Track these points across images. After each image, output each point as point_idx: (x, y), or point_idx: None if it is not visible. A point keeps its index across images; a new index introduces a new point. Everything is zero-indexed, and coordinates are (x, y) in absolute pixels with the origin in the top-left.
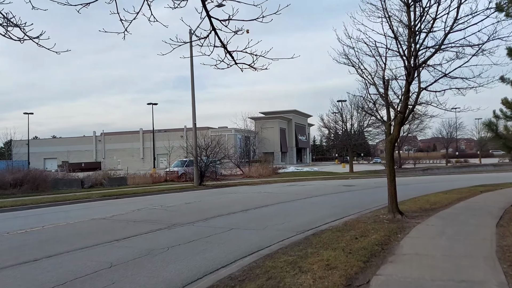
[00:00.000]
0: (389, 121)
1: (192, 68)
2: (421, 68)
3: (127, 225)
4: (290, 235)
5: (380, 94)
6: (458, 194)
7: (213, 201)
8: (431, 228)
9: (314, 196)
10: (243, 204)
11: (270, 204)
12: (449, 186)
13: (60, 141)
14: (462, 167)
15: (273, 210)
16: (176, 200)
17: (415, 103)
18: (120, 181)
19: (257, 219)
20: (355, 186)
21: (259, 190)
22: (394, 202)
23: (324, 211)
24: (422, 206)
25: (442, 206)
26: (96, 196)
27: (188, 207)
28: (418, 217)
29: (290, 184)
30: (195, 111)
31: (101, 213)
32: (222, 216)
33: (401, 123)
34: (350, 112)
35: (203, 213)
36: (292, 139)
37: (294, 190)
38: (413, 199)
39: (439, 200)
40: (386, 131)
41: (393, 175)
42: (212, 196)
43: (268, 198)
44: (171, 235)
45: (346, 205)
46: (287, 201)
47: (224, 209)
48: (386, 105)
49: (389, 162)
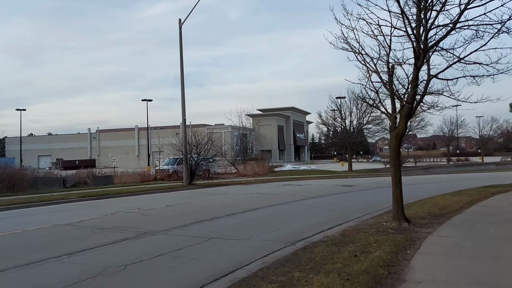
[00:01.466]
0: (394, 114)
1: (182, 60)
2: (431, 53)
3: (92, 233)
4: (277, 248)
5: (384, 82)
6: (468, 196)
7: (199, 203)
8: (446, 240)
9: (310, 198)
10: (230, 207)
11: (261, 207)
12: (455, 187)
13: (54, 138)
14: (464, 165)
15: (262, 214)
16: (159, 201)
17: (424, 92)
18: (106, 180)
19: (243, 226)
20: (354, 186)
21: (252, 191)
22: (400, 208)
23: (320, 216)
24: (431, 211)
25: (453, 211)
26: (75, 197)
27: (169, 210)
28: (428, 225)
29: (285, 184)
30: (184, 106)
31: (70, 218)
32: (204, 222)
33: (408, 115)
34: (349, 109)
35: (183, 218)
36: (290, 136)
37: (288, 191)
38: (419, 202)
39: (449, 203)
40: (391, 125)
41: (398, 176)
42: (200, 197)
43: (259, 200)
44: (136, 247)
45: (344, 208)
46: (279, 203)
47: (208, 213)
48: (391, 95)
49: (394, 160)
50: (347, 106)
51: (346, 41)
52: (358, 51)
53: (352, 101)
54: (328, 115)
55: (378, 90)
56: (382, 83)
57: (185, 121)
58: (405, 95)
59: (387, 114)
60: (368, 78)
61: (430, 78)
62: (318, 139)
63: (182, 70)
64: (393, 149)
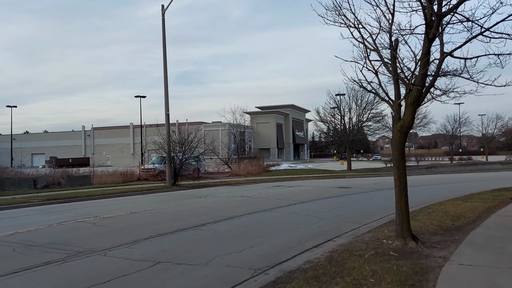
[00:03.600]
0: (398, 100)
1: (165, 49)
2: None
3: (10, 253)
4: (240, 279)
5: (384, 62)
6: (483, 202)
7: (169, 210)
8: (470, 272)
9: (299, 203)
10: (203, 215)
11: (239, 214)
12: (463, 189)
13: (48, 136)
14: (467, 165)
15: (238, 224)
16: (126, 207)
17: (437, 72)
18: (83, 180)
19: (209, 242)
20: (351, 188)
21: (237, 193)
22: (405, 223)
23: (307, 227)
24: (442, 223)
25: (469, 223)
26: (39, 200)
27: (129, 219)
28: (441, 245)
29: (276, 185)
30: (167, 99)
31: (4, 229)
32: (162, 236)
33: (416, 102)
34: (349, 105)
35: (141, 230)
36: (289, 134)
37: (278, 194)
38: (426, 210)
39: (462, 211)
40: (394, 115)
41: (403, 182)
42: (176, 201)
43: (241, 206)
44: (49, 279)
45: (337, 216)
46: (263, 209)
47: (174, 223)
48: (394, 77)
49: (397, 161)
50: (346, 102)
51: (339, 12)
52: (353, 25)
53: (352, 97)
54: (326, 112)
55: (378, 70)
56: (383, 63)
57: (168, 116)
58: (412, 76)
59: (389, 102)
60: (365, 58)
61: (444, 56)
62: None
63: (165, 60)
64: (397, 146)
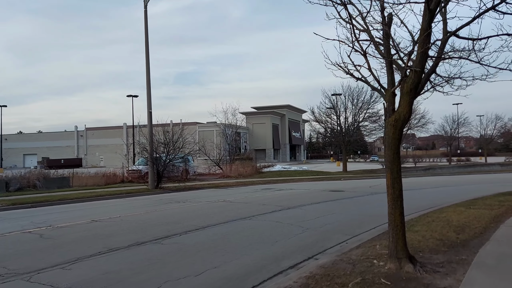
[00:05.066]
0: (391, 88)
1: (147, 36)
2: None
3: None
4: None
5: (375, 41)
6: (489, 209)
7: (138, 217)
8: None
9: (286, 209)
10: (173, 224)
11: (214, 224)
12: (464, 193)
13: (41, 136)
14: (466, 166)
15: (209, 236)
16: (93, 213)
17: (440, 54)
18: (62, 182)
19: (166, 260)
20: (345, 191)
21: (221, 197)
22: (400, 240)
23: (287, 240)
24: (444, 235)
25: (476, 235)
26: (4, 204)
27: (84, 229)
28: (446, 268)
29: (265, 188)
30: (150, 95)
31: None
32: (114, 252)
33: (414, 89)
34: (344, 105)
35: (91, 244)
36: (285, 135)
37: (264, 198)
38: (426, 218)
39: (466, 220)
40: (387, 107)
41: (398, 189)
42: (150, 207)
43: (219, 212)
44: None
45: (324, 226)
46: (243, 217)
47: (134, 234)
48: (387, 59)
49: (391, 163)
50: (341, 102)
51: None
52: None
53: (348, 96)
54: (321, 112)
55: (367, 52)
56: (373, 42)
57: (150, 114)
58: (409, 58)
59: (380, 91)
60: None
61: (447, 36)
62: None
63: (147, 54)
64: (390, 144)
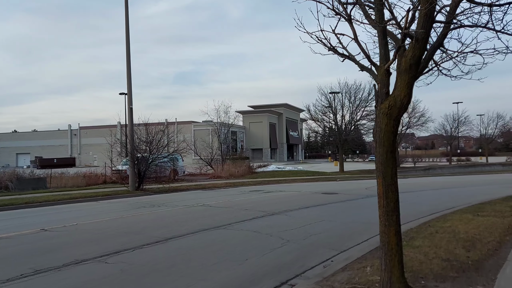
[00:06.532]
0: (385, 63)
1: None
2: None
3: None
4: None
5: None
6: (500, 217)
7: (97, 226)
8: None
9: (269, 215)
10: (133, 235)
11: (180, 235)
12: (468, 195)
13: (34, 135)
14: (467, 166)
15: (167, 252)
16: (48, 220)
17: (449, 18)
18: (38, 183)
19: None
20: (339, 194)
21: (203, 200)
22: (395, 268)
23: (261, 256)
24: (451, 253)
25: (491, 253)
26: None
27: (23, 242)
28: None
29: (254, 190)
30: (131, 91)
31: None
32: (40, 275)
33: (415, 66)
34: (341, 102)
35: (19, 263)
36: (282, 135)
37: (249, 202)
38: (428, 229)
39: (475, 231)
40: (378, 89)
41: (393, 199)
42: (121, 212)
43: (193, 219)
44: None
45: (309, 237)
46: (217, 226)
47: (82, 248)
48: (379, 25)
49: (383, 164)
50: (338, 99)
51: None
52: None
53: (345, 93)
54: (317, 110)
55: (353, 18)
56: (359, 5)
57: (131, 110)
58: (408, 19)
59: (371, 70)
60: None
61: None
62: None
63: (128, 42)
64: (382, 140)
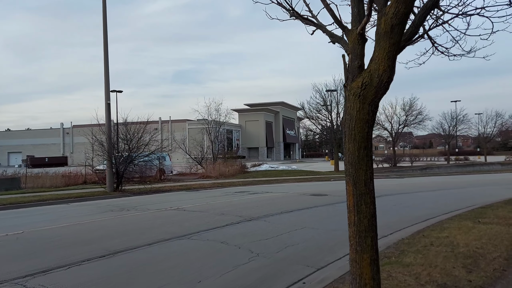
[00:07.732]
0: (356, 28)
1: (105, 27)
2: None
3: None
4: None
5: None
6: (504, 224)
7: (47, 234)
8: None
9: (245, 221)
10: (84, 244)
11: (138, 246)
12: (468, 197)
13: (26, 133)
14: (465, 165)
15: (108, 271)
16: None
17: None
18: (11, 183)
19: None
20: (328, 195)
21: (179, 203)
22: None
23: (219, 277)
24: (449, 275)
25: (497, 274)
26: None
27: None
28: None
29: (239, 191)
30: (108, 85)
31: None
32: None
33: (399, 29)
34: (336, 99)
35: None
36: (279, 133)
37: (228, 205)
38: (421, 240)
39: (477, 244)
40: (350, 60)
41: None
42: (84, 217)
43: (159, 226)
44: None
45: (283, 249)
46: (181, 235)
47: (12, 263)
48: None
49: (355, 166)
50: (333, 97)
51: None
52: None
53: (340, 90)
54: (312, 107)
55: None
56: None
57: (108, 106)
58: None
59: (341, 39)
60: None
61: None
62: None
63: (106, 39)
64: (353, 132)
